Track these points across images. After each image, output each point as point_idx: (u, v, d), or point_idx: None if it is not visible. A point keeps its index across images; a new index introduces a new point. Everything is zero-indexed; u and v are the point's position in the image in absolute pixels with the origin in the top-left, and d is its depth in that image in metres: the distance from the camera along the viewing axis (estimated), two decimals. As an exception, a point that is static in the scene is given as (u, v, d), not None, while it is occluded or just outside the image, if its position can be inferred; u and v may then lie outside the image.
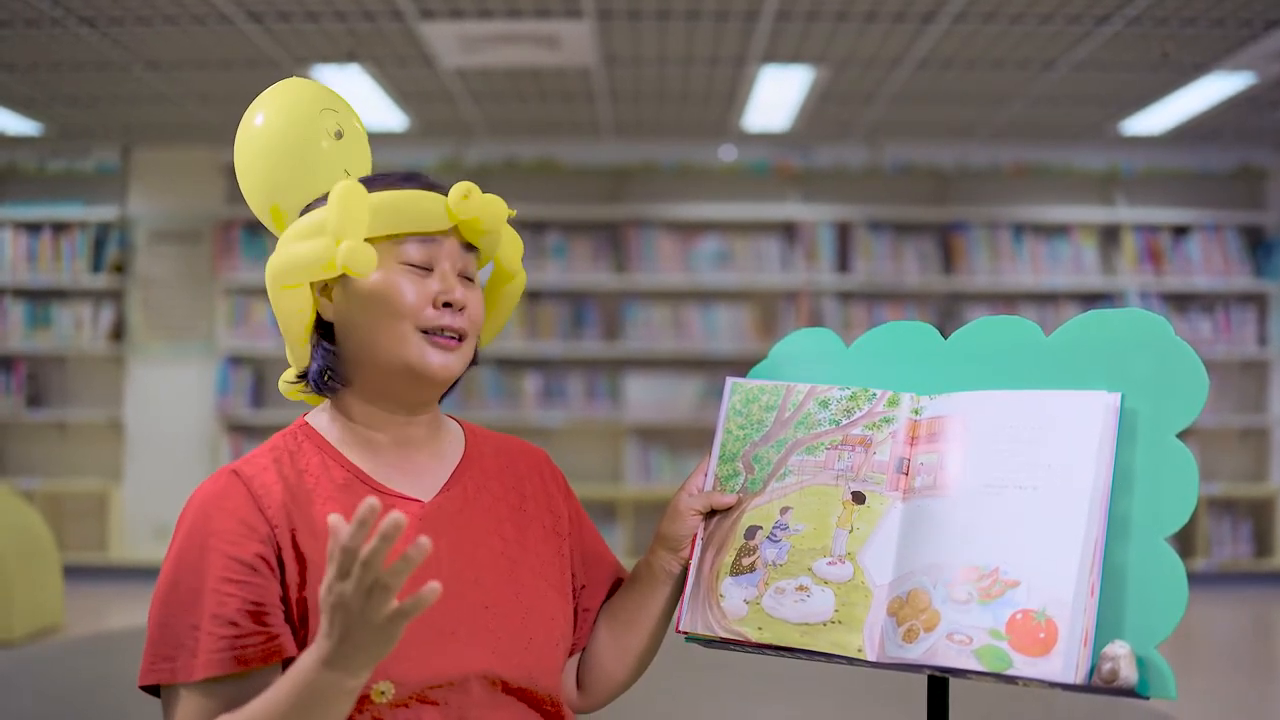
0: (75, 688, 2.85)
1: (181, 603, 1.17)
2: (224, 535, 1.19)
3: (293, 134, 1.37)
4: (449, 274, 1.29)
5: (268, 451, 1.28)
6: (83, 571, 6.60)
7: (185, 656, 1.15)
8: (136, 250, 7.00)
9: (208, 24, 4.80)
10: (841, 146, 7.07)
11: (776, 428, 1.38)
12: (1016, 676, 1.11)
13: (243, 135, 1.39)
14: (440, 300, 1.28)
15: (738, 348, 6.92)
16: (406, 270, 1.28)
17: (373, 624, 1.03)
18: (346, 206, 1.25)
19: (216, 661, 1.14)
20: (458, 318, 1.29)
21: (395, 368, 1.28)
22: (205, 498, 1.23)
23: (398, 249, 1.28)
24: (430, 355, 1.27)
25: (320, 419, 1.35)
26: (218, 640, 1.15)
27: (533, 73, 5.58)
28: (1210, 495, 6.79)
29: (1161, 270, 6.96)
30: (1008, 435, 1.22)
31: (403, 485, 1.31)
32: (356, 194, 1.26)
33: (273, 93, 1.40)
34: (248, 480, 1.23)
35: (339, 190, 1.25)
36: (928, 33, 4.90)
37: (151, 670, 1.17)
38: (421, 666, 1.20)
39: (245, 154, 1.39)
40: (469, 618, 1.25)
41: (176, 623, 1.17)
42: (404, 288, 1.27)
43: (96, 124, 6.59)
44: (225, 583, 1.17)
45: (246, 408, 6.99)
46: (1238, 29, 4.80)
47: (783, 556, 1.30)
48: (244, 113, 1.41)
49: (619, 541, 6.81)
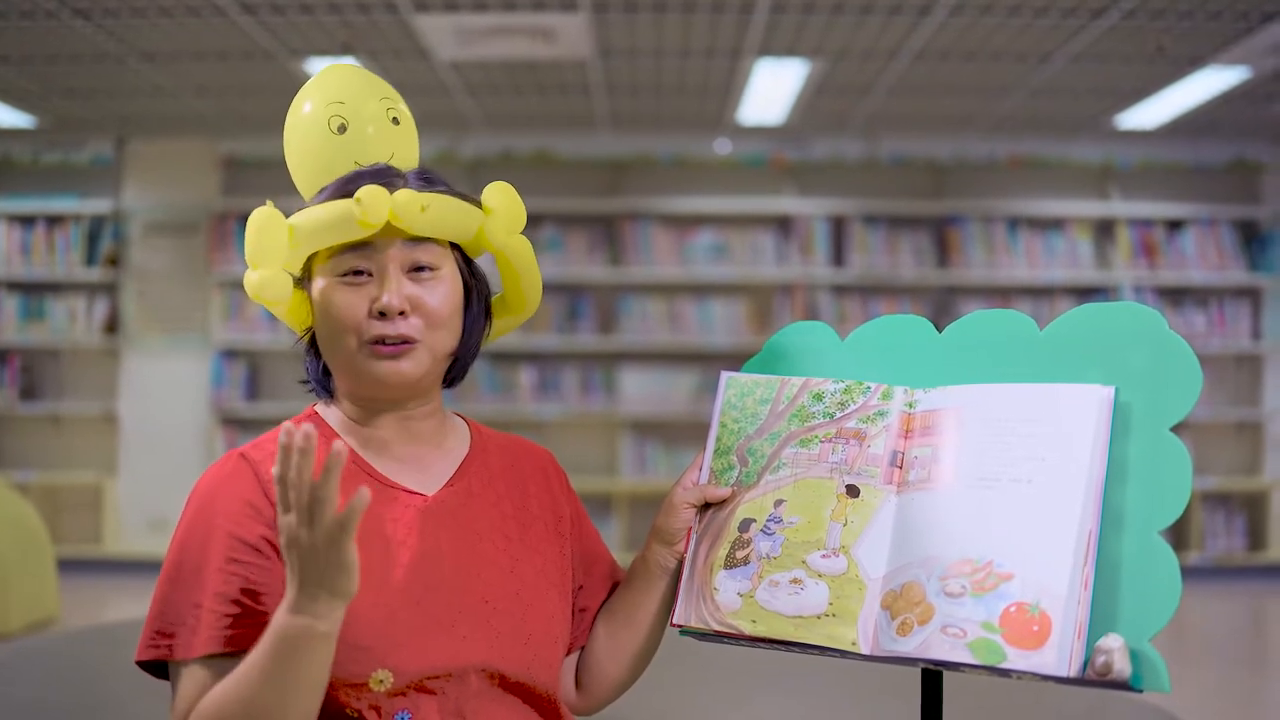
0: (70, 680, 2.85)
1: (185, 581, 1.19)
2: (230, 516, 1.21)
3: (304, 130, 1.38)
4: (389, 278, 1.26)
5: (275, 438, 1.28)
6: (77, 564, 6.59)
7: (185, 634, 1.17)
8: (131, 243, 6.99)
9: (202, 16, 4.78)
10: (837, 140, 7.06)
11: (771, 421, 1.38)
12: (1010, 669, 1.11)
13: (285, 131, 1.41)
14: (375, 310, 1.26)
15: (733, 341, 6.92)
16: (345, 284, 1.27)
17: (320, 548, 1.04)
18: (257, 235, 1.26)
19: (217, 639, 1.16)
20: (397, 324, 1.26)
21: (351, 379, 1.30)
22: (213, 480, 1.25)
23: (335, 261, 1.28)
24: (375, 366, 1.27)
25: (330, 410, 1.36)
26: (220, 619, 1.16)
27: (528, 65, 5.57)
28: (1204, 489, 6.81)
29: (1156, 264, 6.97)
30: (1002, 429, 1.22)
31: (406, 478, 1.32)
32: (269, 222, 1.26)
33: (306, 84, 1.41)
34: (255, 464, 1.25)
35: (251, 219, 1.27)
36: (923, 26, 4.90)
37: (150, 646, 1.19)
38: (419, 656, 1.20)
39: (286, 151, 1.41)
40: (469, 611, 1.26)
41: (179, 600, 1.19)
42: (341, 303, 1.26)
43: (91, 116, 6.57)
44: (230, 563, 1.19)
45: (241, 400, 6.98)
46: (1233, 23, 4.80)
47: (777, 549, 1.30)
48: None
49: (614, 535, 6.82)
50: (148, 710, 2.35)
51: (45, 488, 6.92)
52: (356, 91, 1.39)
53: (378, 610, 1.20)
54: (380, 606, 1.21)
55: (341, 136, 1.37)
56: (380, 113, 1.40)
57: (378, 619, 1.20)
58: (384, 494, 1.29)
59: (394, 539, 1.26)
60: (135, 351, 7.00)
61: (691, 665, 2.78)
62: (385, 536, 1.25)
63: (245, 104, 6.20)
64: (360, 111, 1.38)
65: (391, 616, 1.21)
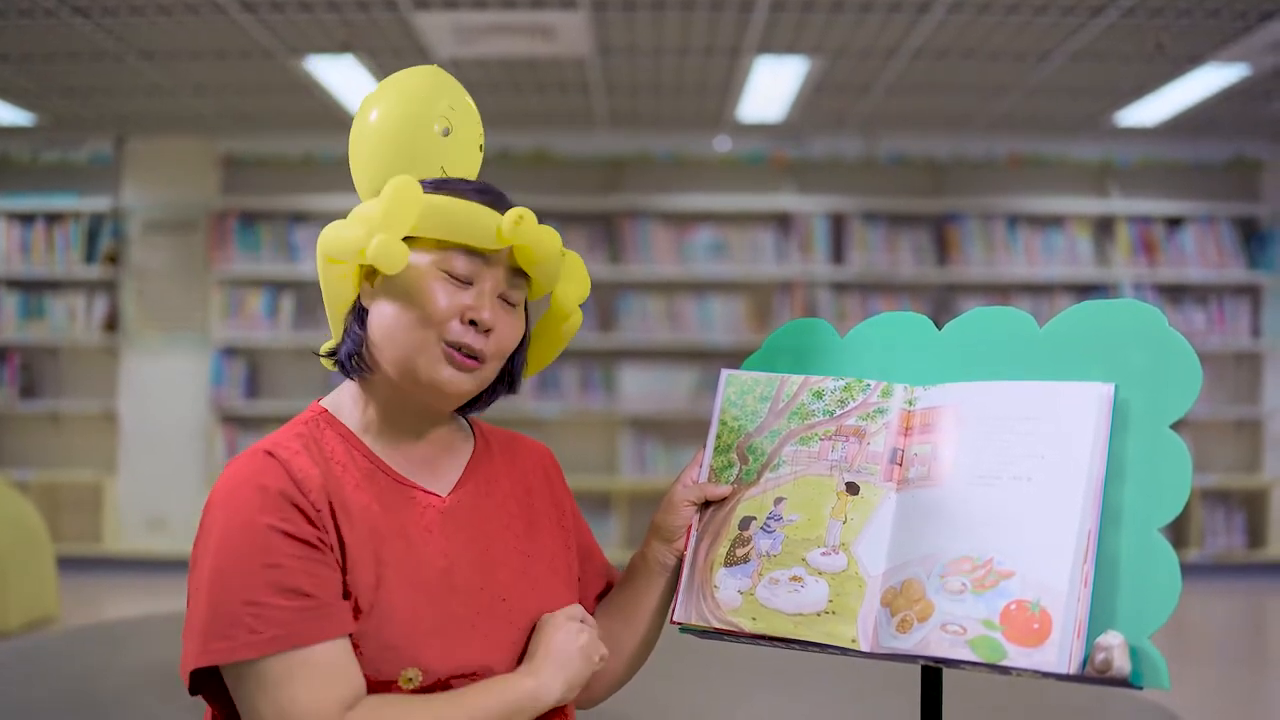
0: (70, 678, 2.85)
1: (232, 583, 1.15)
2: (273, 512, 1.17)
3: (399, 124, 1.36)
4: (487, 293, 1.27)
5: (294, 437, 1.26)
6: (77, 562, 6.59)
7: (243, 634, 1.13)
8: (130, 241, 6.98)
9: (201, 14, 4.78)
10: (836, 137, 7.06)
11: (771, 418, 1.38)
12: (1010, 667, 1.11)
13: (356, 125, 1.39)
14: (467, 316, 1.25)
15: (732, 339, 6.92)
16: (445, 279, 1.26)
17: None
18: (394, 201, 1.23)
19: (291, 635, 1.13)
20: (479, 338, 1.26)
21: (407, 370, 1.26)
22: (245, 477, 1.20)
23: (444, 257, 1.26)
24: (443, 369, 1.25)
25: (340, 405, 1.33)
26: (291, 613, 1.14)
27: (527, 63, 5.57)
28: (1204, 486, 6.81)
29: (1156, 262, 6.97)
30: (1001, 426, 1.22)
31: (421, 479, 1.31)
32: (408, 191, 1.23)
33: (394, 80, 1.39)
34: (285, 462, 1.21)
35: (392, 184, 1.24)
36: (923, 23, 4.90)
37: (206, 652, 1.13)
38: (447, 656, 1.21)
39: (355, 143, 1.38)
40: (488, 611, 1.26)
41: (229, 602, 1.14)
42: (436, 295, 1.25)
43: (90, 114, 6.57)
44: (289, 558, 1.15)
45: (240, 399, 6.98)
46: (1233, 20, 4.80)
47: (777, 547, 1.30)
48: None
49: (614, 532, 6.82)
50: (147, 708, 2.35)
51: (45, 486, 6.92)
52: (463, 102, 1.40)
53: (406, 609, 1.20)
54: (409, 606, 1.21)
55: (443, 140, 1.36)
56: (476, 129, 1.41)
57: (406, 618, 1.20)
58: (403, 494, 1.28)
59: (416, 540, 1.25)
60: (135, 350, 7.00)
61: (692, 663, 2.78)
62: (408, 536, 1.25)
63: (245, 102, 6.20)
64: (463, 121, 1.39)
65: (419, 616, 1.21)
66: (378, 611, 1.19)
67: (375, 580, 1.20)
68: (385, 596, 1.20)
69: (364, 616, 1.18)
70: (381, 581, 1.20)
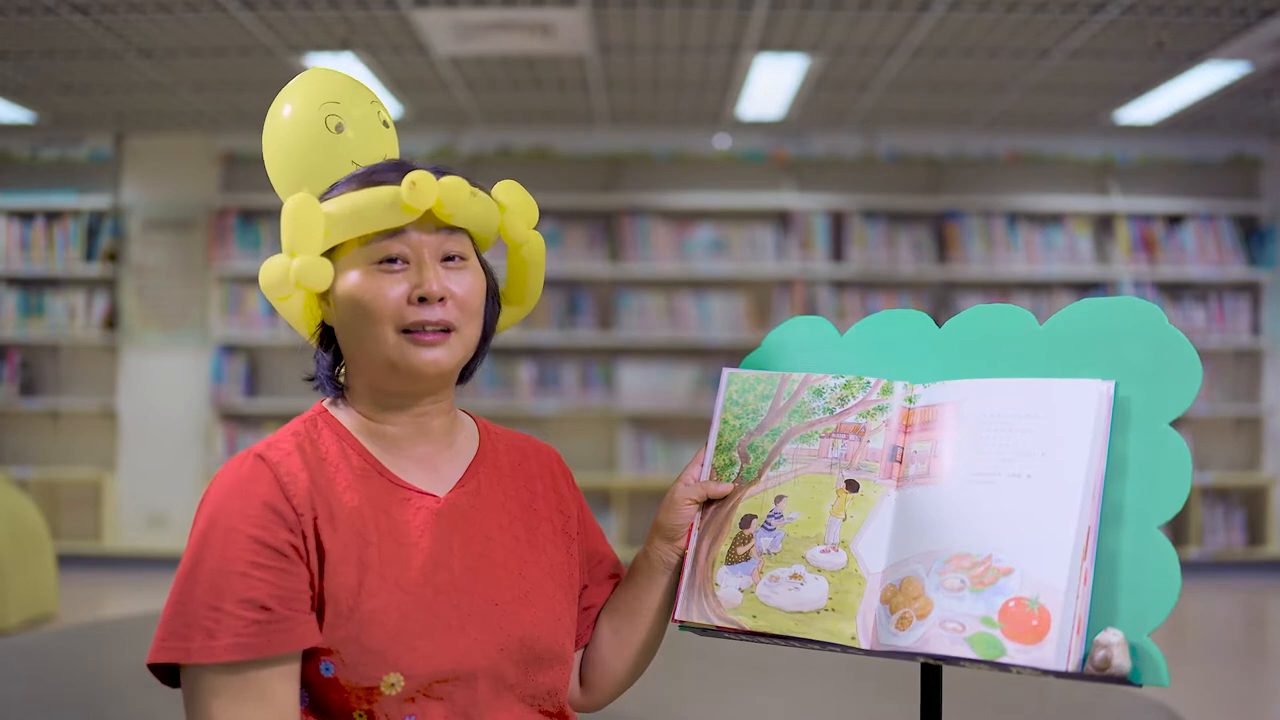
0: (69, 676, 2.85)
1: (202, 584, 1.15)
2: (251, 519, 1.17)
3: (294, 129, 1.36)
4: (427, 264, 1.25)
5: (290, 437, 1.27)
6: (76, 560, 6.60)
7: (201, 637, 1.13)
8: (130, 239, 6.98)
9: (201, 11, 4.78)
10: (836, 135, 7.06)
11: (771, 417, 1.38)
12: (1009, 664, 1.11)
13: (264, 149, 1.40)
14: (414, 295, 1.25)
15: (732, 336, 6.92)
16: (381, 270, 1.25)
17: None
18: (294, 223, 1.24)
19: (244, 645, 1.13)
20: (435, 309, 1.25)
21: (385, 367, 1.27)
22: (231, 481, 1.21)
23: (371, 250, 1.26)
24: (414, 354, 1.25)
25: (338, 408, 1.34)
26: (243, 623, 1.14)
27: (527, 61, 5.57)
28: (1203, 484, 6.82)
29: (1155, 259, 6.97)
30: (1001, 423, 1.22)
31: (418, 479, 1.30)
32: (303, 209, 1.24)
33: (290, 85, 1.40)
34: (274, 466, 1.22)
35: (288, 206, 1.25)
36: (922, 21, 4.90)
37: (163, 649, 1.15)
38: (430, 660, 1.19)
39: (266, 149, 1.40)
40: (478, 614, 1.25)
41: (194, 603, 1.15)
42: (377, 290, 1.24)
43: (90, 112, 6.57)
44: (256, 568, 1.15)
45: (240, 396, 6.98)
46: (1232, 18, 4.80)
47: (777, 545, 1.30)
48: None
49: (614, 530, 6.82)
50: (146, 707, 2.35)
51: (44, 483, 6.92)
52: (350, 93, 1.40)
53: (390, 614, 1.19)
54: (393, 610, 1.20)
55: (338, 136, 1.36)
56: (373, 114, 1.40)
57: (391, 622, 1.19)
58: (397, 495, 1.27)
59: (407, 541, 1.25)
60: (134, 347, 7.00)
61: (693, 661, 2.79)
62: (398, 539, 1.24)
63: (244, 100, 6.20)
64: (354, 112, 1.38)
65: (404, 619, 1.20)
66: (359, 615, 1.18)
67: (357, 584, 1.19)
68: (367, 600, 1.19)
69: (345, 620, 1.18)
70: (364, 585, 1.19)
